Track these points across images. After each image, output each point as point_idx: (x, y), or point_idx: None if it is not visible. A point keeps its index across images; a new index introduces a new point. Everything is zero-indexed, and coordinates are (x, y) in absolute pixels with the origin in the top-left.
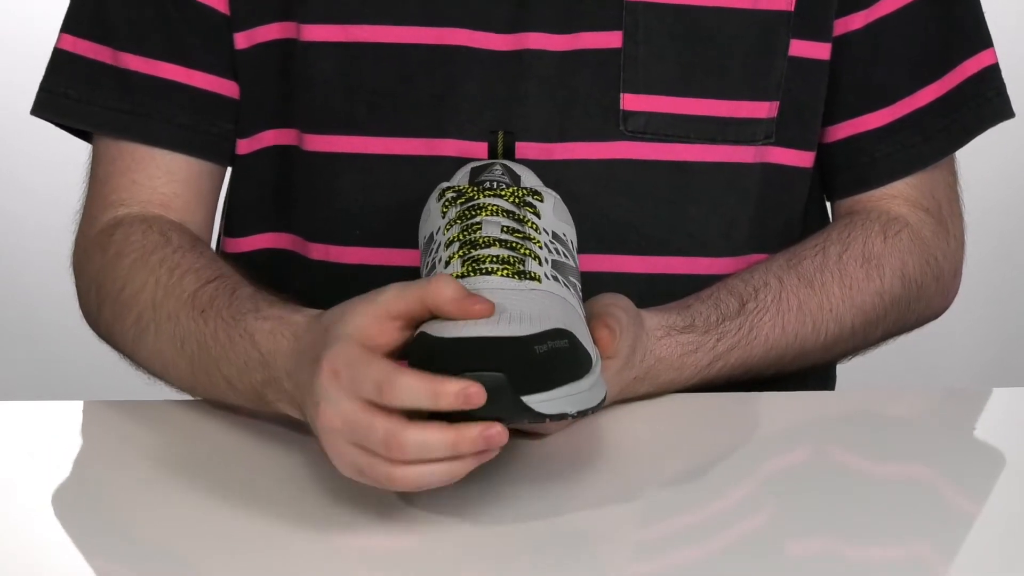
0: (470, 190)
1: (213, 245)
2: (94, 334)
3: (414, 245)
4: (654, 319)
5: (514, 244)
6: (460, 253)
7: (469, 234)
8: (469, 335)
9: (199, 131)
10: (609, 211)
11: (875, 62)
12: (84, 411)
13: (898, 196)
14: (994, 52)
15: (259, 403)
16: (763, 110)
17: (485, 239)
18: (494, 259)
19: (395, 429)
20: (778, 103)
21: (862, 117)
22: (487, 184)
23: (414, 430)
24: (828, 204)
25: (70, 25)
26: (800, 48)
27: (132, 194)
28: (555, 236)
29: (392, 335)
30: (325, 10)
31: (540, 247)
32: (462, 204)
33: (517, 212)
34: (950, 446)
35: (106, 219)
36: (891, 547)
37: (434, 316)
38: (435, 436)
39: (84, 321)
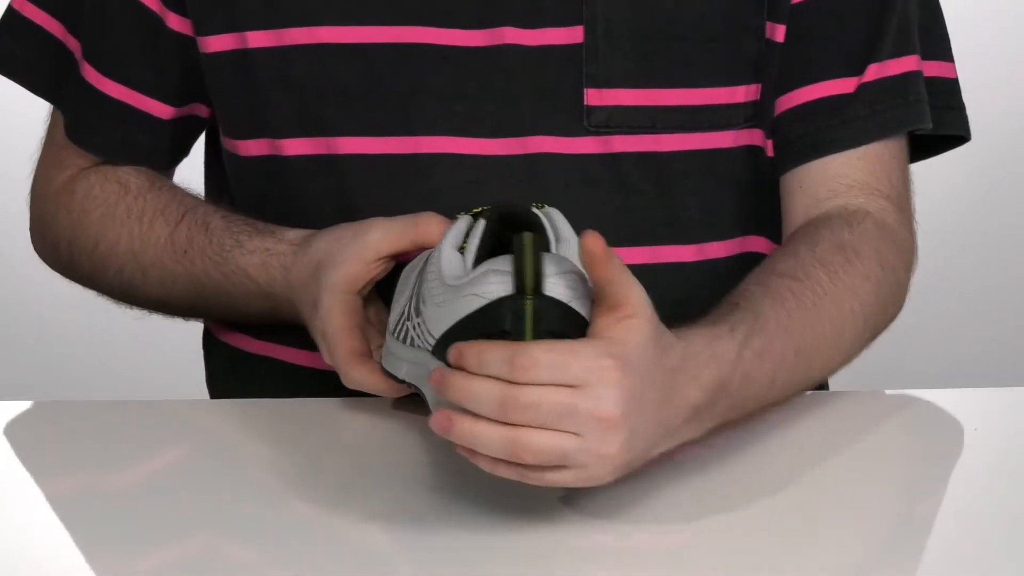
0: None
1: None
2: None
3: None
4: (660, 326)
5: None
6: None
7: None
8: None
9: (127, 142)
10: (585, 205)
11: (800, 41)
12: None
13: (854, 185)
14: (918, 60)
15: (273, 320)
16: (740, 94)
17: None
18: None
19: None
20: (759, 85)
21: (786, 95)
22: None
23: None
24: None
25: None
26: (772, 30)
27: (84, 160)
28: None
29: (377, 271)
30: (291, 15)
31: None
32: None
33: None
34: (948, 447)
35: (62, 178)
36: (889, 548)
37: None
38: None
39: (84, 321)
